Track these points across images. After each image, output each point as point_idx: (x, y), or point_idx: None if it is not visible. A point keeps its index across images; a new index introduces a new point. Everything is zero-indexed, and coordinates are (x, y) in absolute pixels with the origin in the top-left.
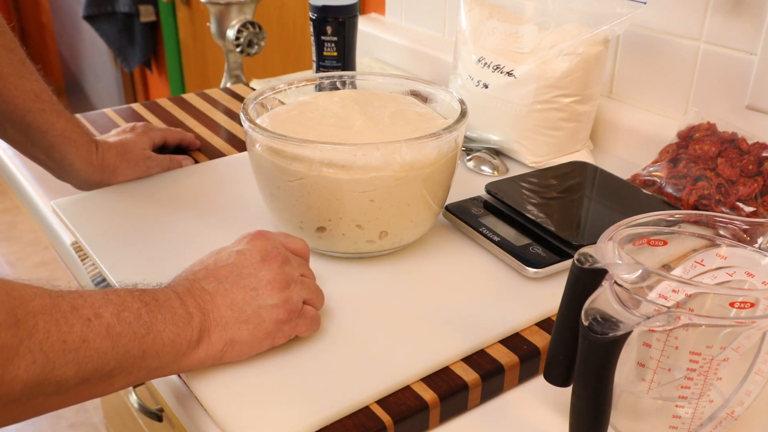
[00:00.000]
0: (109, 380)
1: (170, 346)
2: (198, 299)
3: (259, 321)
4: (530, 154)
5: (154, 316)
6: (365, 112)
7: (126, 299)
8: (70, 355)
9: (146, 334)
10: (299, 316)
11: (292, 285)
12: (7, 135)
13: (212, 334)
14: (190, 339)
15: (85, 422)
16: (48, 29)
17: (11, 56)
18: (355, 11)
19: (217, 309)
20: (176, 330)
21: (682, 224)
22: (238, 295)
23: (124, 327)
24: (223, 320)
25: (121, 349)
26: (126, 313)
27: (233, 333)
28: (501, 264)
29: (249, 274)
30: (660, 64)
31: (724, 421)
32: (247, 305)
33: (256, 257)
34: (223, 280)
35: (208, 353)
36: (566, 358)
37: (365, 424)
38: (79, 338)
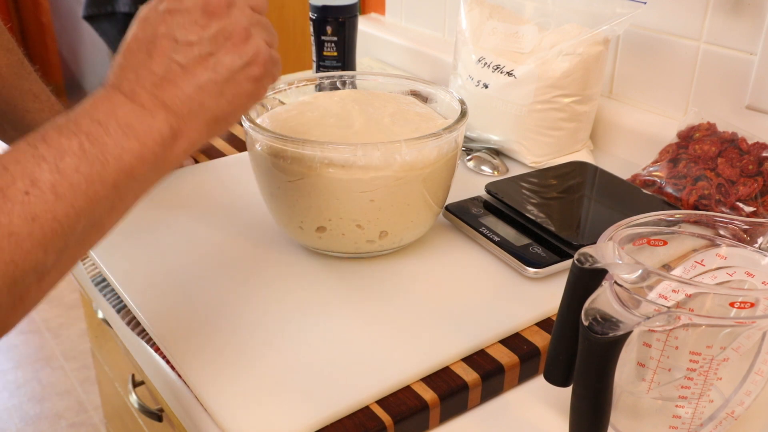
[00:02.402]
0: (95, 230)
1: (140, 164)
2: (152, 90)
3: (235, 87)
4: (530, 154)
5: (103, 144)
6: (365, 112)
7: (60, 143)
8: (26, 244)
9: (103, 168)
10: (271, 68)
11: (252, 29)
12: (6, 136)
13: (188, 122)
14: (161, 142)
15: (85, 422)
16: (48, 29)
17: (9, 56)
18: (355, 11)
19: (181, 92)
20: (138, 143)
21: (682, 224)
22: (198, 68)
23: (73, 177)
24: (194, 102)
25: (82, 201)
26: (67, 160)
27: (212, 111)
28: (501, 264)
29: (199, 38)
30: (660, 64)
31: (724, 421)
32: (214, 75)
33: (196, 13)
34: (173, 54)
35: (191, 142)
36: (566, 358)
37: (365, 424)
38: (26, 221)
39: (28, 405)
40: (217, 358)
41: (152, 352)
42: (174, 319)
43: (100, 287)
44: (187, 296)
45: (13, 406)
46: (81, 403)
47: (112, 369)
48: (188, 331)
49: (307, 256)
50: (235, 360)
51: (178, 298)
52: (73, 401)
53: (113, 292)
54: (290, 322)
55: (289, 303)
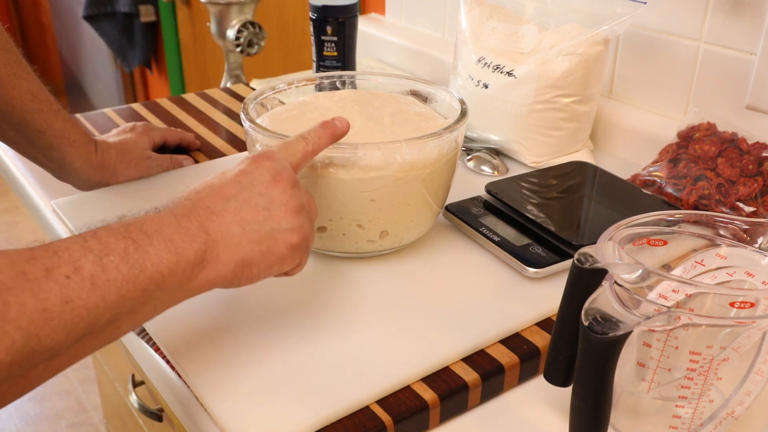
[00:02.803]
0: (111, 328)
1: (171, 276)
2: (201, 219)
3: (272, 243)
4: (530, 154)
5: (146, 251)
6: (365, 112)
7: (108, 241)
8: (54, 322)
9: (140, 272)
10: (306, 246)
11: (304, 210)
12: (6, 136)
13: (221, 254)
14: (194, 262)
15: (85, 422)
16: (48, 29)
17: (8, 56)
18: (355, 11)
19: (226, 228)
20: (175, 258)
21: (682, 224)
22: (249, 214)
23: (112, 273)
24: (234, 239)
25: (114, 296)
26: (111, 257)
27: (245, 253)
28: (501, 264)
29: (260, 194)
30: (660, 64)
31: (724, 421)
32: (259, 225)
33: (266, 177)
34: (231, 199)
35: (218, 274)
36: (566, 358)
37: (365, 424)
38: (61, 301)
39: (28, 405)
40: (217, 358)
41: (152, 352)
42: (174, 320)
43: None
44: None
45: (13, 406)
46: (81, 403)
47: (112, 369)
48: (188, 331)
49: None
50: (235, 360)
51: None
52: (73, 401)
53: None
54: (290, 321)
55: (289, 303)
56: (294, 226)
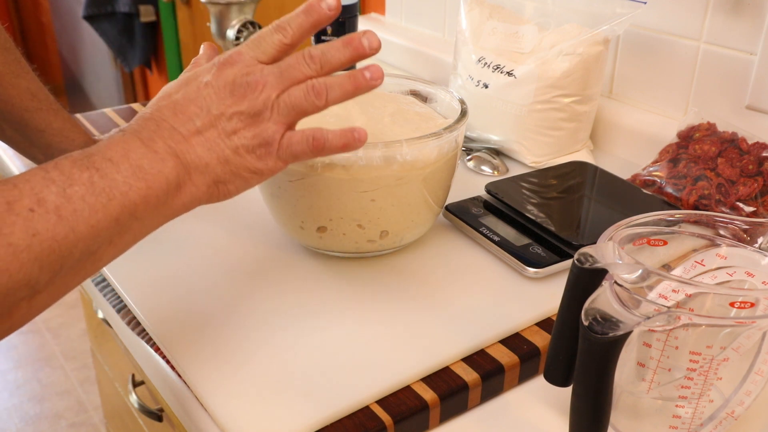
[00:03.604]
0: (91, 259)
1: (144, 204)
2: (168, 141)
3: (239, 160)
4: (530, 154)
5: (112, 179)
6: (366, 111)
7: (72, 172)
8: (23, 256)
9: (108, 201)
10: (283, 145)
11: (266, 114)
12: (5, 135)
13: (193, 176)
14: (166, 188)
15: (85, 422)
16: (48, 29)
17: (6, 55)
18: (355, 11)
19: (193, 149)
20: (145, 184)
21: (682, 224)
22: (212, 134)
23: (78, 203)
24: (202, 161)
25: (83, 227)
26: (75, 188)
27: (216, 174)
28: (501, 264)
29: (220, 114)
30: (660, 64)
31: (724, 421)
32: (223, 144)
33: (226, 91)
34: (195, 118)
35: (193, 197)
36: (566, 358)
37: (365, 424)
38: (26, 235)
39: (28, 405)
40: (217, 358)
41: (152, 352)
42: (174, 319)
43: (100, 287)
44: (187, 296)
45: (13, 406)
46: (81, 403)
47: (112, 369)
48: (188, 331)
49: (308, 256)
50: (235, 360)
51: (178, 298)
52: (73, 401)
53: (113, 292)
54: (290, 321)
55: (289, 303)
56: (260, 140)
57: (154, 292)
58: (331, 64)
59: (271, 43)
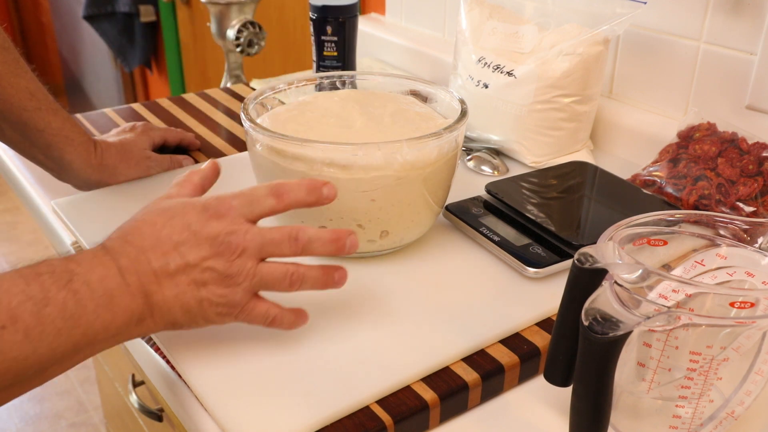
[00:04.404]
0: (39, 377)
1: (104, 332)
2: (142, 278)
3: (200, 311)
4: (530, 154)
5: (84, 306)
6: (366, 111)
7: (50, 290)
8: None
9: (74, 327)
10: (245, 311)
11: (239, 279)
12: (5, 135)
13: (155, 315)
14: (129, 321)
15: (85, 422)
16: (48, 29)
17: (5, 55)
18: (355, 11)
19: (161, 293)
20: (111, 316)
21: (682, 224)
22: (182, 280)
23: (47, 326)
24: (166, 305)
25: (45, 349)
26: (49, 309)
27: (175, 318)
28: (501, 264)
29: (195, 264)
30: (660, 64)
31: (724, 421)
32: (190, 293)
33: (205, 244)
34: (170, 261)
35: (149, 330)
36: (566, 358)
37: (365, 424)
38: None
39: (28, 405)
40: (217, 358)
41: (152, 352)
42: None
43: None
44: None
45: (13, 406)
46: (81, 403)
47: (112, 369)
48: (188, 331)
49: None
50: (235, 360)
51: None
52: (73, 401)
53: None
54: None
55: (288, 303)
56: (226, 301)
57: None
58: (311, 253)
59: (263, 207)
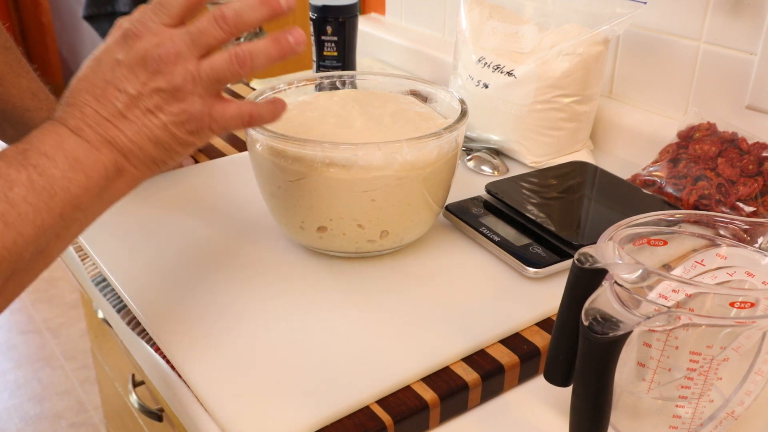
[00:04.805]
0: (41, 258)
1: (86, 194)
2: (96, 128)
3: (170, 137)
4: (530, 154)
5: (51, 175)
6: (366, 111)
7: (9, 174)
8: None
9: (50, 198)
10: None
11: (188, 87)
12: (6, 135)
13: (131, 159)
14: (106, 175)
15: (85, 422)
16: (48, 29)
17: (7, 54)
18: (355, 11)
19: (122, 134)
20: (85, 176)
21: (682, 224)
22: (136, 114)
23: (22, 207)
24: (135, 145)
25: (30, 229)
26: (16, 190)
27: (150, 154)
28: (501, 264)
29: (138, 93)
30: (660, 64)
31: (724, 421)
32: (150, 124)
33: (140, 68)
34: (115, 101)
35: (134, 177)
36: (566, 358)
37: (365, 424)
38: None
39: (28, 405)
40: (218, 357)
41: (152, 352)
42: (174, 319)
43: (100, 287)
44: (187, 296)
45: (13, 406)
46: (81, 403)
47: (112, 369)
48: (188, 331)
49: (308, 256)
50: (235, 360)
51: (178, 298)
52: (73, 401)
53: (113, 292)
54: (291, 321)
55: (289, 303)
56: (183, 116)
57: (154, 292)
58: (246, 24)
59: (175, 2)
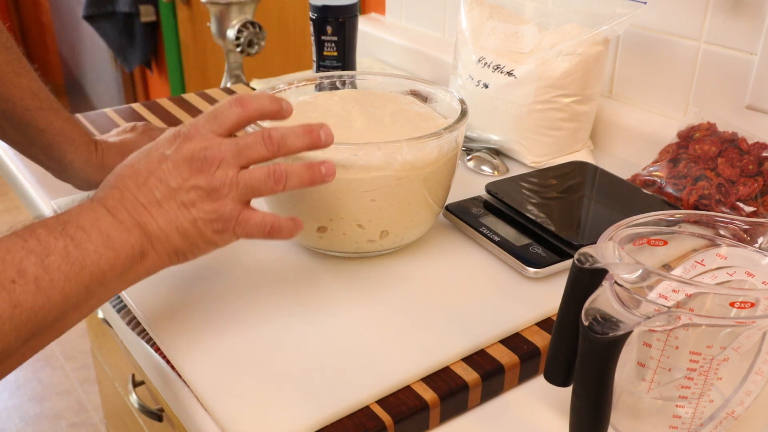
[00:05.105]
0: (58, 325)
1: (111, 271)
2: (132, 212)
3: (197, 232)
4: (530, 154)
5: (85, 249)
6: (366, 111)
7: (48, 241)
8: (5, 327)
9: (81, 270)
10: (241, 223)
11: (224, 191)
12: (6, 135)
13: (156, 245)
14: (131, 255)
15: (85, 422)
16: (48, 29)
17: (8, 54)
18: (355, 11)
19: (154, 221)
20: (113, 254)
21: (682, 224)
22: (171, 206)
23: (54, 274)
24: (163, 233)
25: (58, 295)
26: (52, 257)
27: (176, 244)
28: (501, 264)
29: (179, 187)
30: (660, 64)
31: (724, 421)
32: (183, 217)
33: (185, 165)
34: (155, 190)
35: (155, 263)
36: (566, 358)
37: (365, 424)
38: (9, 306)
39: (28, 405)
40: (218, 358)
41: (152, 352)
42: (174, 319)
43: None
44: (187, 296)
45: (13, 406)
46: (81, 403)
47: (112, 369)
48: (188, 331)
49: (308, 256)
50: (235, 360)
51: (178, 298)
52: (73, 401)
53: None
54: (290, 321)
55: (289, 303)
56: (216, 214)
57: (154, 292)
58: (288, 149)
59: (229, 117)
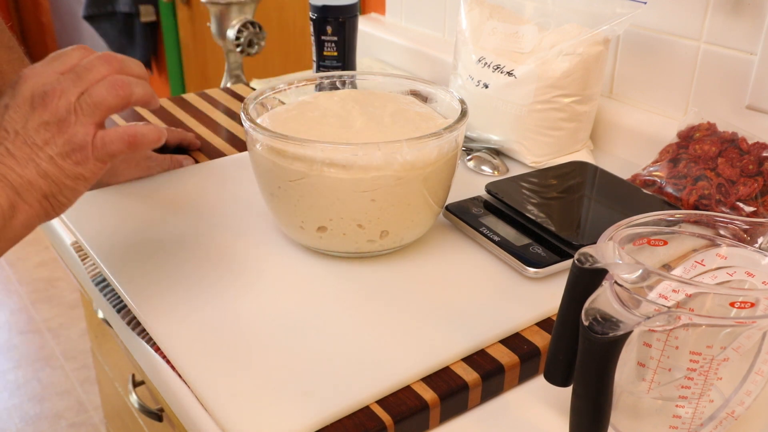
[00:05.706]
0: None
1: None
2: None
3: (58, 170)
4: (530, 154)
5: None
6: (366, 111)
7: None
8: None
9: None
10: (97, 146)
11: (71, 118)
12: None
13: (23, 195)
14: (1, 213)
15: (85, 422)
16: (48, 29)
17: (10, 54)
18: (355, 11)
19: (12, 170)
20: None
21: (682, 224)
22: (25, 151)
23: None
24: (24, 180)
25: None
26: None
27: (41, 188)
28: (501, 264)
29: (23, 128)
30: (660, 64)
31: (724, 421)
32: (37, 158)
33: (25, 106)
34: (4, 141)
35: (29, 215)
36: (566, 358)
37: (365, 424)
38: None
39: (28, 405)
40: (218, 358)
41: (152, 352)
42: (174, 320)
43: (100, 287)
44: (187, 296)
45: (13, 406)
46: (81, 403)
47: (112, 369)
48: (188, 332)
49: (308, 256)
50: (235, 360)
51: (178, 298)
52: (73, 401)
53: (113, 292)
54: (290, 321)
55: (289, 303)
56: (68, 146)
57: (154, 292)
58: (130, 70)
59: (70, 57)
